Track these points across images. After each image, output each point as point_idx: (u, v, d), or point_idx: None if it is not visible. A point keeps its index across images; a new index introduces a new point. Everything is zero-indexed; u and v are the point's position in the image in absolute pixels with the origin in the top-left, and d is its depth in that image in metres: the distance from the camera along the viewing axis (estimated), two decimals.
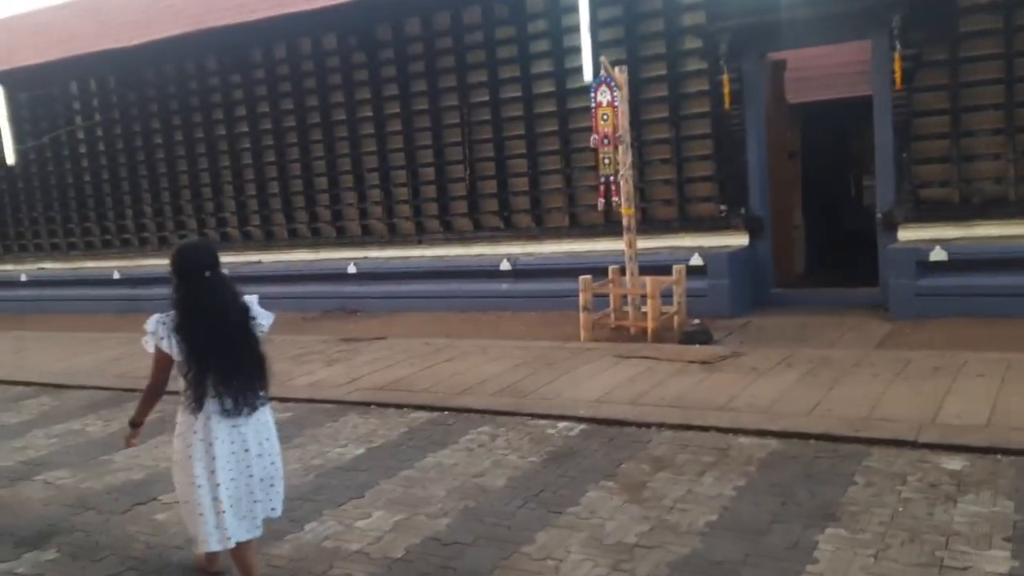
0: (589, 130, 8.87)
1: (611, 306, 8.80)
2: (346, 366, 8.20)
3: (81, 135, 14.76)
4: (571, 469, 5.00)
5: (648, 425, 5.64)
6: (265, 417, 3.74)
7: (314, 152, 12.61)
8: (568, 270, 9.84)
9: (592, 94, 8.49)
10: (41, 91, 14.38)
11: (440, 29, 11.49)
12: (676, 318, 8.47)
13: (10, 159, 14.24)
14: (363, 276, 11.51)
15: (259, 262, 12.65)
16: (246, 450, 3.63)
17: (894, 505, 4.13)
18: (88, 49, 12.75)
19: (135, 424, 3.84)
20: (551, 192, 11.06)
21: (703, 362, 7.04)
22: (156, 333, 3.58)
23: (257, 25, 11.41)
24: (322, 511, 4.62)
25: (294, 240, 12.86)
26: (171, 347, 3.55)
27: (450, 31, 11.39)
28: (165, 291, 3.86)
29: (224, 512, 3.55)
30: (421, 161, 11.85)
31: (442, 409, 6.51)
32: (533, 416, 6.13)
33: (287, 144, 12.79)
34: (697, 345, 7.77)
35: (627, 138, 8.40)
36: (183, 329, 3.53)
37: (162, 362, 3.64)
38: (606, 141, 8.40)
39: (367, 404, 6.84)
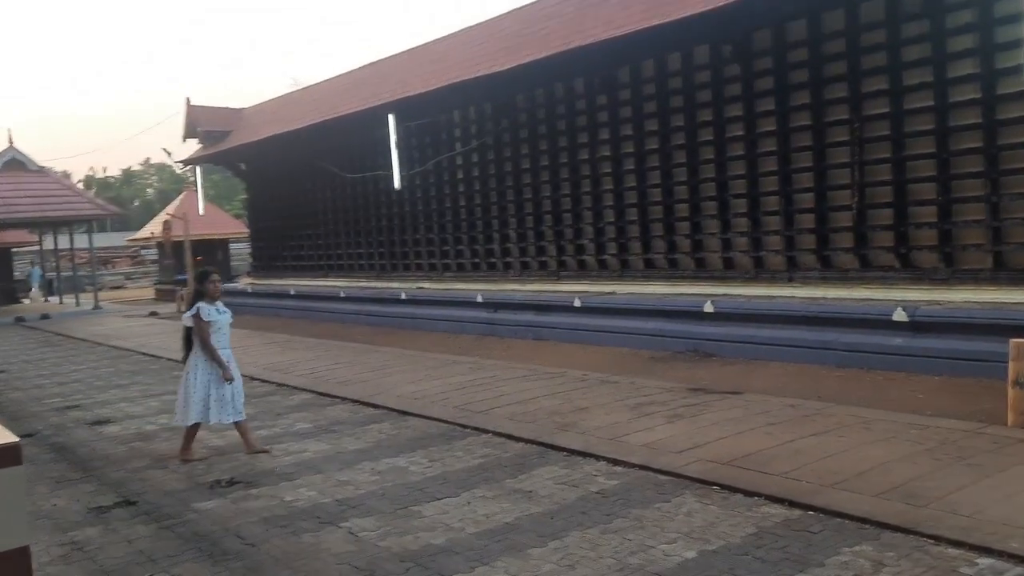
0: None
1: None
2: (690, 425, 6.97)
3: (459, 161, 15.45)
4: None
5: None
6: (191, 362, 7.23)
7: (676, 176, 11.60)
8: (990, 326, 7.68)
9: None
10: (427, 119, 15.30)
11: (829, 31, 9.79)
12: None
13: (397, 184, 15.34)
14: (721, 316, 10.13)
15: (612, 293, 11.92)
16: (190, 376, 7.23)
17: None
18: (465, 76, 13.14)
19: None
20: (968, 225, 8.79)
21: None
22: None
23: (625, 41, 10.70)
24: None
25: (649, 271, 11.94)
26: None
27: (844, 32, 9.62)
28: (521, 316, 3.54)
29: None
30: (797, 185, 10.22)
31: (805, 507, 5.01)
32: (937, 540, 4.40)
33: (648, 168, 11.96)
34: None
35: None
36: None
37: None
38: None
39: (709, 483, 5.56)
